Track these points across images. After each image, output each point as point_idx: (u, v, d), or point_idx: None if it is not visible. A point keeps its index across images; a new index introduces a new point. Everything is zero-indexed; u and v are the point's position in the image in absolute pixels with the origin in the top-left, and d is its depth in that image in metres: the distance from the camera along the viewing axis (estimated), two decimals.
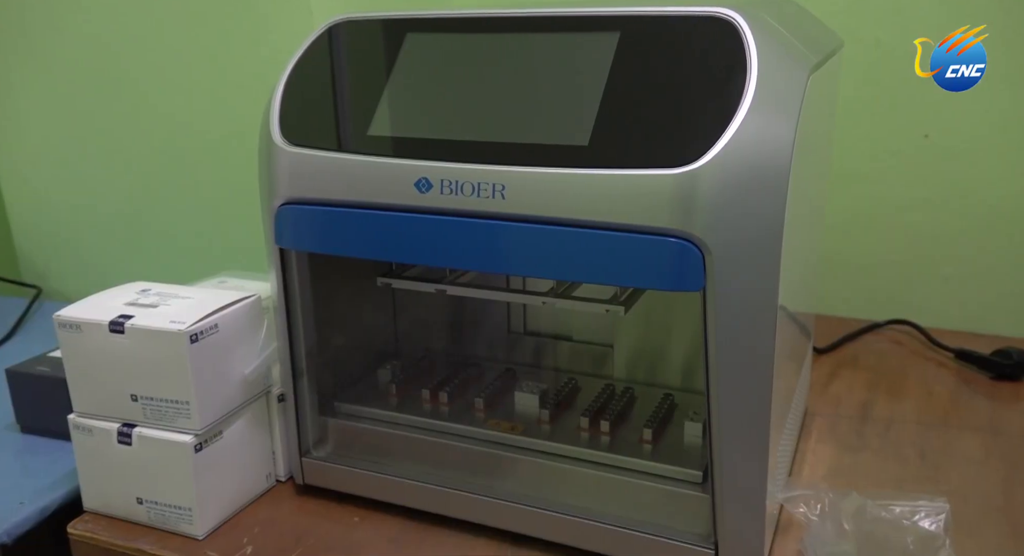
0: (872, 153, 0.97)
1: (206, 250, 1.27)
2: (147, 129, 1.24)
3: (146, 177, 1.27)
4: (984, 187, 0.94)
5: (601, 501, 0.60)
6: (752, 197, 0.47)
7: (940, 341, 0.93)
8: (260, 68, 1.09)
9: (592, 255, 0.50)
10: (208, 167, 1.23)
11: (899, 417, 0.78)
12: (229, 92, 1.15)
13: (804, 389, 0.76)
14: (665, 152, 0.48)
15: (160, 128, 1.23)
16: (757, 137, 0.47)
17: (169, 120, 1.23)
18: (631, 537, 0.57)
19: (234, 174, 1.19)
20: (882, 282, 1.02)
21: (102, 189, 1.31)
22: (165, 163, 1.25)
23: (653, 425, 0.63)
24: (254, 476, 0.68)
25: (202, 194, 1.25)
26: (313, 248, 0.60)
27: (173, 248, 1.30)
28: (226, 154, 1.20)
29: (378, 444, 0.67)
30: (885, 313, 1.00)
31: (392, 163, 0.54)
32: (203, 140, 1.22)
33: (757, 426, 0.51)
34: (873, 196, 0.99)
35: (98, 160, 1.29)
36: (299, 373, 0.66)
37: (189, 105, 1.20)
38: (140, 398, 0.62)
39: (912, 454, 0.72)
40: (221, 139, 1.20)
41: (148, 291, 0.66)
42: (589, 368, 0.76)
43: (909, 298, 1.00)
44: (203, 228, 1.27)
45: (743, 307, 0.49)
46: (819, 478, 0.68)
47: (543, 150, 0.51)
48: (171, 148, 1.24)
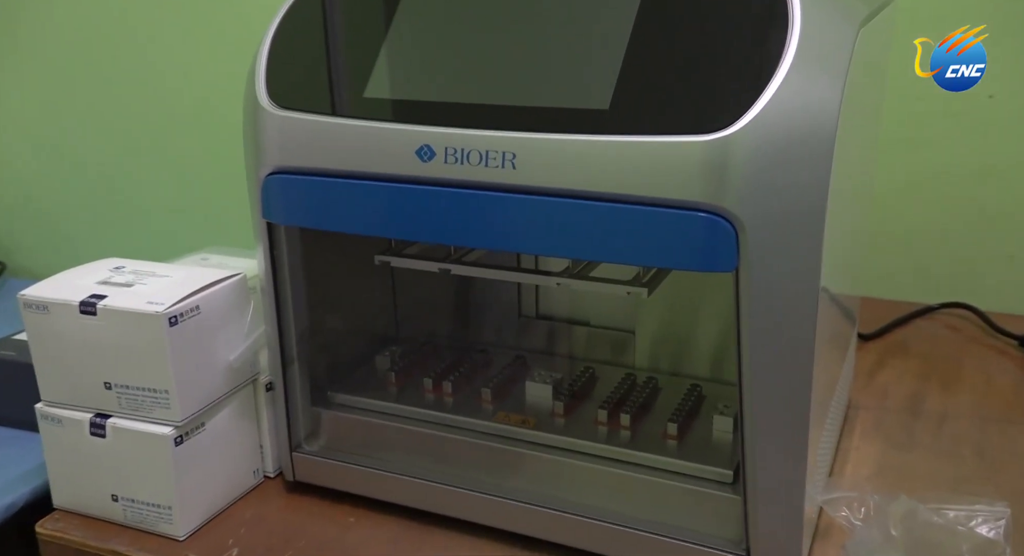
0: (928, 115, 0.96)
1: (187, 224, 1.28)
2: (122, 91, 1.24)
3: (121, 143, 1.28)
4: None
5: (620, 502, 0.60)
6: (792, 166, 0.47)
7: (1002, 327, 0.92)
8: (244, 22, 1.09)
9: (612, 231, 0.50)
10: (189, 132, 1.23)
11: (954, 411, 0.78)
12: (210, 49, 1.15)
13: (847, 380, 0.76)
14: (695, 117, 0.48)
15: (136, 90, 1.23)
16: (799, 99, 0.46)
17: (146, 80, 1.23)
18: (653, 542, 0.57)
19: (217, 140, 1.19)
20: (937, 261, 1.01)
21: (73, 156, 1.31)
22: (142, 127, 1.26)
23: (679, 419, 0.64)
24: (240, 472, 0.68)
25: (182, 162, 1.26)
26: (304, 222, 0.61)
27: (150, 221, 1.31)
28: (208, 118, 1.20)
29: (376, 438, 0.68)
30: (940, 295, 0.99)
31: (391, 128, 0.54)
32: (183, 103, 1.22)
33: (795, 420, 0.51)
34: (929, 164, 0.98)
35: (68, 125, 1.30)
36: (289, 360, 0.66)
37: (167, 64, 1.20)
38: (114, 386, 0.62)
39: (968, 452, 0.72)
40: (203, 101, 1.20)
41: (123, 268, 0.67)
42: (608, 356, 0.76)
43: (967, 279, 1.00)
44: (183, 199, 1.27)
45: (781, 289, 0.49)
46: (863, 479, 0.68)
47: (558, 114, 0.51)
48: (148, 111, 1.24)
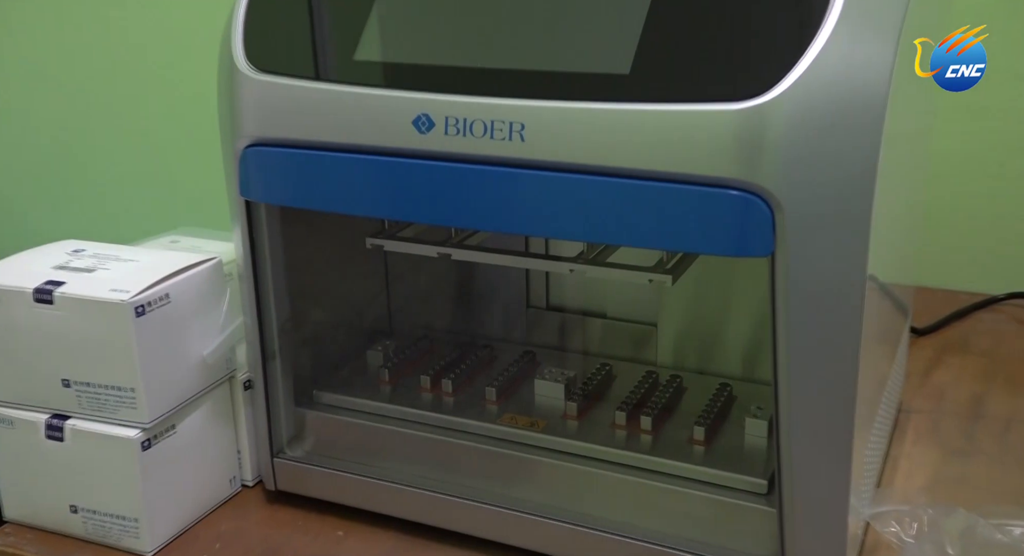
0: (994, 78, 0.96)
1: (155, 202, 1.28)
2: (80, 51, 1.24)
3: (80, 110, 1.28)
4: None
5: (640, 515, 0.60)
6: (837, 138, 0.47)
7: None
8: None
9: (632, 212, 0.50)
10: (156, 98, 1.23)
11: (1021, 415, 0.78)
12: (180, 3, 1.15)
13: (899, 379, 0.76)
14: (726, 82, 0.48)
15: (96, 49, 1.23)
16: (845, 61, 0.46)
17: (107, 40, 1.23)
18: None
19: (188, 108, 1.19)
20: (1001, 246, 1.01)
21: (25, 125, 1.31)
22: (103, 93, 1.26)
23: (706, 422, 0.64)
24: (215, 480, 0.69)
25: (149, 132, 1.26)
26: (286, 201, 0.61)
27: (114, 199, 1.31)
28: (178, 82, 1.20)
29: (367, 442, 0.68)
30: (1004, 285, 0.99)
31: (384, 95, 0.54)
32: (150, 64, 1.22)
33: (838, 424, 0.52)
34: (994, 135, 0.98)
35: (19, 90, 1.30)
36: (270, 355, 0.67)
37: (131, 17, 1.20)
38: (74, 384, 0.63)
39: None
40: (172, 64, 1.20)
41: (82, 252, 0.67)
42: (627, 351, 0.76)
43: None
44: (151, 174, 1.28)
45: (823, 277, 0.49)
46: (916, 490, 0.68)
47: (572, 80, 0.51)
48: (110, 73, 1.24)
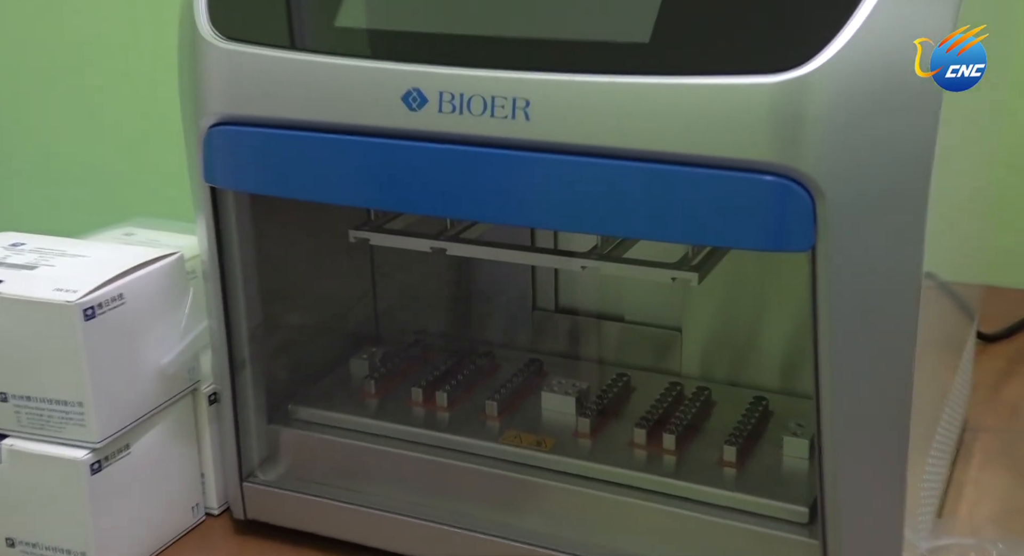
0: None
1: (106, 189, 1.28)
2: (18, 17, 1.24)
3: (17, 80, 1.28)
4: None
5: (662, 547, 0.60)
6: (887, 116, 0.47)
7: None
8: None
9: (653, 200, 0.50)
10: (106, 70, 1.23)
11: None
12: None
13: (963, 393, 0.76)
14: (761, 51, 0.48)
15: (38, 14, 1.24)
16: (898, 27, 0.46)
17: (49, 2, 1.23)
18: None
19: (143, 81, 1.19)
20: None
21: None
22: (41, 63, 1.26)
23: (738, 441, 0.64)
24: (175, 508, 0.69)
25: (97, 108, 1.26)
26: (257, 188, 0.61)
27: (58, 186, 1.32)
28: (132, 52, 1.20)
29: (349, 464, 0.68)
30: None
31: (370, 67, 0.55)
32: (99, 31, 1.22)
33: (890, 444, 0.52)
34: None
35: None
36: (239, 364, 0.67)
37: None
38: (12, 397, 0.63)
39: None
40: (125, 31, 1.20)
41: (22, 246, 0.67)
42: (647, 360, 0.76)
43: None
44: (100, 158, 1.28)
45: (872, 275, 0.49)
46: (983, 520, 0.68)
47: (584, 49, 0.51)
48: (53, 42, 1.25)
